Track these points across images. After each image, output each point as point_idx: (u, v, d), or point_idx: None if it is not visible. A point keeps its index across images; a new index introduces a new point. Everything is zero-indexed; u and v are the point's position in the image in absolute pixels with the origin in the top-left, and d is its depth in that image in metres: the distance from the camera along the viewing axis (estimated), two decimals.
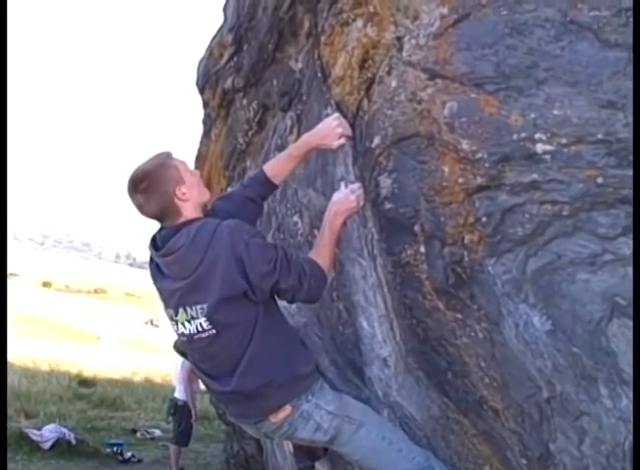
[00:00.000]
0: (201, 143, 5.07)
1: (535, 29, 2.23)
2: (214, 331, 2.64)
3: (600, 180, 2.07)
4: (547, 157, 2.18)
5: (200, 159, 5.07)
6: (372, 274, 2.96)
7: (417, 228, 2.65)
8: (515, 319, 2.32)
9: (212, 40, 4.06)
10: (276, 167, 3.10)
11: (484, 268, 2.40)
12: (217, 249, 2.57)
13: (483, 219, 2.38)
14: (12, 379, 14.44)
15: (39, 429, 10.66)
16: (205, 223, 2.67)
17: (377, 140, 2.83)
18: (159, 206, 2.70)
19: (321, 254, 2.80)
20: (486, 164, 2.35)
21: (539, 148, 2.20)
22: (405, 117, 2.68)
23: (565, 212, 2.16)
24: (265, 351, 2.68)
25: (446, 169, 2.50)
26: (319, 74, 3.16)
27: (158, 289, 2.85)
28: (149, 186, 2.68)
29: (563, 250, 2.18)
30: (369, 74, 2.88)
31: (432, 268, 2.62)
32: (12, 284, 60.36)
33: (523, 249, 2.29)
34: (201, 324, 2.64)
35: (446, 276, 2.55)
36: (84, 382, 16.44)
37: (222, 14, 4.01)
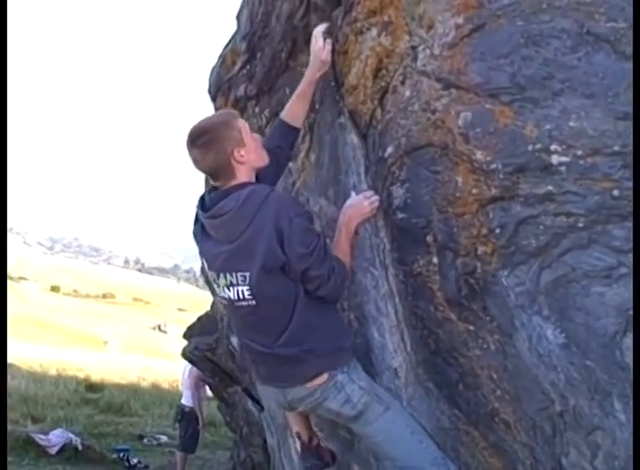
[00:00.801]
0: None
1: (551, 40, 2.22)
2: (254, 302, 2.65)
3: (616, 193, 2.06)
4: (562, 168, 2.17)
5: None
6: (384, 284, 2.95)
7: (429, 239, 2.64)
8: (528, 332, 2.31)
9: (225, 48, 4.06)
10: (292, 111, 3.13)
11: (498, 280, 2.39)
12: (264, 218, 2.57)
13: (497, 231, 2.37)
14: (19, 383, 14.46)
15: (46, 434, 10.68)
16: (255, 190, 2.65)
17: (390, 149, 2.82)
18: (215, 163, 2.69)
19: (341, 257, 2.80)
20: (501, 175, 2.33)
21: (555, 159, 2.18)
22: (419, 127, 2.67)
23: (580, 225, 2.15)
24: (308, 323, 2.70)
25: (460, 180, 2.49)
26: (332, 83, 3.15)
27: (200, 249, 2.87)
28: (208, 142, 2.67)
29: (577, 262, 2.17)
30: (383, 84, 2.87)
31: (444, 279, 2.60)
32: (20, 288, 60.61)
33: (537, 261, 2.27)
34: (243, 292, 2.65)
35: (459, 287, 2.54)
36: (91, 387, 16.47)
37: (235, 21, 4.02)
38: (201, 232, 2.83)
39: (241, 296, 2.66)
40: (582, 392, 2.18)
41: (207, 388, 8.90)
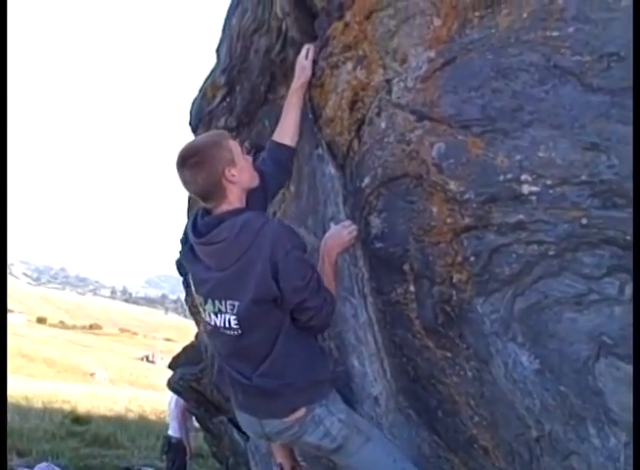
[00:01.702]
0: None
1: (520, 73, 2.28)
2: (240, 331, 2.63)
3: (584, 221, 2.10)
4: (533, 198, 2.22)
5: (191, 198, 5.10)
6: (362, 313, 2.98)
7: (406, 267, 2.68)
8: (503, 358, 2.34)
9: (205, 81, 4.12)
10: (280, 127, 3.16)
11: (473, 307, 2.43)
12: (258, 250, 2.54)
13: (471, 259, 2.41)
14: None
15: (31, 468, 10.52)
16: (250, 219, 2.62)
17: (367, 180, 2.87)
18: (206, 183, 2.64)
19: (327, 286, 2.78)
20: (474, 205, 2.38)
21: (525, 189, 2.23)
22: (394, 158, 2.72)
23: (551, 252, 2.19)
24: (288, 353, 2.68)
25: (435, 209, 2.53)
26: (310, 116, 3.20)
27: (190, 271, 2.85)
28: (199, 162, 2.63)
29: (549, 289, 2.21)
30: (359, 116, 2.93)
31: (421, 307, 2.64)
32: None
33: (510, 288, 2.32)
34: (229, 320, 2.62)
35: (435, 315, 2.58)
36: (78, 419, 16.26)
37: (215, 55, 4.08)
38: (191, 255, 2.78)
39: (227, 324, 2.64)
40: (557, 417, 2.21)
41: (194, 418, 8.85)
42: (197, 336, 6.09)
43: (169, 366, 7.14)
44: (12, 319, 62.95)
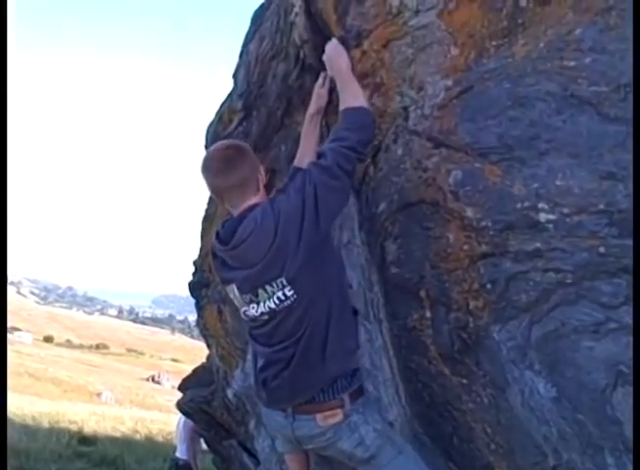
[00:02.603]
0: (208, 204, 5.14)
1: (537, 102, 2.31)
2: (295, 296, 2.57)
3: (602, 250, 2.12)
4: (550, 226, 2.23)
5: (207, 219, 5.12)
6: (378, 338, 2.99)
7: (422, 293, 2.69)
8: (520, 386, 2.34)
9: (222, 105, 4.16)
10: (299, 153, 3.17)
11: (490, 334, 2.44)
12: (284, 225, 2.54)
13: (488, 286, 2.43)
14: (11, 436, 14.18)
15: None
16: (264, 207, 2.63)
17: (383, 206, 2.89)
18: (247, 174, 2.69)
19: (353, 101, 2.76)
20: (491, 232, 2.40)
21: (542, 217, 2.25)
22: (411, 185, 2.74)
23: (568, 281, 2.20)
24: (341, 325, 2.64)
25: (451, 236, 2.55)
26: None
27: (225, 280, 2.81)
28: (243, 154, 2.72)
29: (567, 317, 2.22)
30: (375, 142, 2.95)
31: (437, 333, 2.65)
32: (13, 338, 60.08)
33: (527, 316, 2.33)
34: (283, 294, 2.57)
35: (452, 341, 2.58)
36: (84, 440, 16.15)
37: (232, 80, 4.12)
38: (221, 266, 2.79)
39: (283, 298, 2.58)
40: (575, 446, 2.21)
41: (202, 441, 8.79)
42: (208, 358, 6.08)
43: (179, 388, 7.12)
44: (19, 338, 63.00)
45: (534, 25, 2.36)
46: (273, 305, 2.61)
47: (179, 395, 7.05)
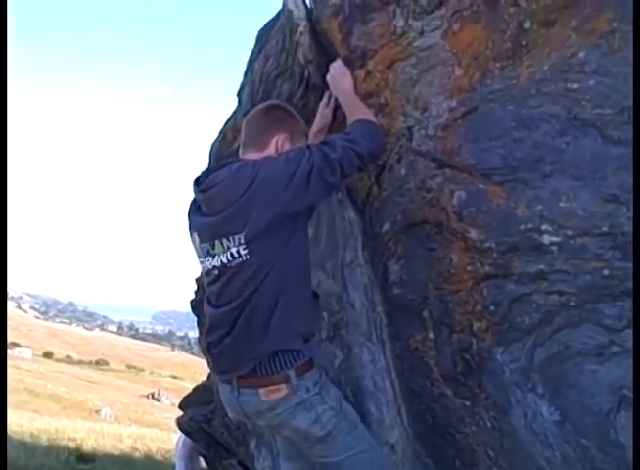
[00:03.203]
0: None
1: (541, 124, 2.31)
2: (248, 256, 2.49)
3: (606, 272, 2.11)
4: (554, 248, 2.23)
5: None
6: (380, 359, 2.97)
7: (425, 314, 2.68)
8: (523, 409, 2.33)
9: (226, 124, 4.17)
10: None
11: (493, 356, 2.42)
12: (259, 189, 2.46)
13: (491, 308, 2.42)
14: (10, 453, 14.11)
15: None
16: (247, 161, 2.60)
17: (386, 226, 2.89)
18: (265, 127, 2.71)
19: (364, 118, 2.74)
20: (494, 254, 2.40)
21: (546, 239, 2.25)
22: (414, 205, 2.74)
23: (572, 303, 2.20)
24: (288, 306, 2.54)
25: (455, 257, 2.55)
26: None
27: (192, 227, 2.75)
28: (282, 114, 2.76)
29: (570, 340, 2.21)
30: (379, 162, 2.95)
31: (440, 355, 2.64)
32: (13, 354, 59.94)
33: (530, 338, 2.32)
34: (237, 251, 2.50)
35: (455, 363, 2.57)
36: (83, 457, 16.06)
37: (236, 98, 4.13)
38: (194, 211, 2.74)
39: (236, 254, 2.51)
40: None
41: (202, 459, 8.74)
42: (209, 376, 6.07)
43: (179, 406, 7.09)
44: (18, 354, 62.88)
45: (538, 47, 2.37)
46: (225, 261, 2.54)
47: (179, 412, 7.02)
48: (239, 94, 4.10)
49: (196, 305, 5.16)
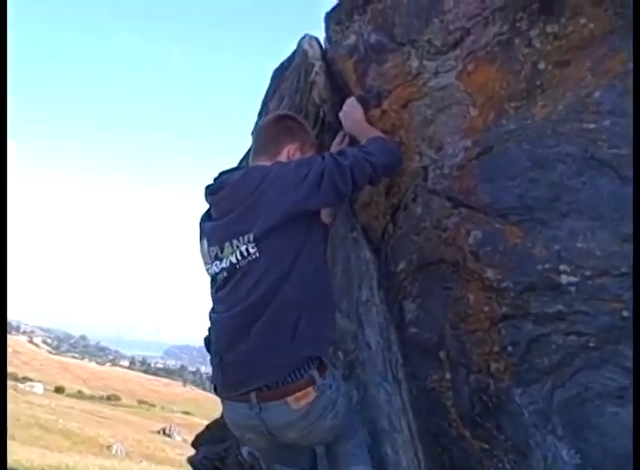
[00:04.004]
0: None
1: (557, 164, 2.32)
2: (257, 254, 2.44)
3: (625, 313, 2.10)
4: (572, 288, 2.22)
5: None
6: (397, 399, 2.94)
7: (442, 354, 2.66)
8: (543, 452, 2.29)
9: (241, 161, 4.20)
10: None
11: (511, 398, 2.40)
12: (268, 185, 2.46)
13: (509, 348, 2.40)
14: None
15: None
16: (257, 166, 2.64)
17: (402, 265, 2.88)
18: (274, 136, 2.74)
19: (375, 137, 2.78)
20: (512, 294, 2.38)
21: (564, 279, 2.24)
22: (430, 244, 2.74)
23: (591, 344, 2.18)
24: (315, 313, 2.49)
25: (472, 297, 2.53)
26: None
27: (202, 233, 2.69)
28: (292, 123, 2.78)
29: (590, 382, 2.19)
30: (394, 201, 2.96)
31: (457, 395, 2.61)
32: (24, 389, 59.81)
33: (549, 379, 2.29)
34: (246, 249, 2.45)
35: (472, 404, 2.54)
36: None
37: (251, 137, 4.16)
38: (205, 217, 2.73)
39: (245, 253, 2.45)
40: None
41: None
42: (223, 414, 6.03)
43: (192, 444, 7.03)
44: (30, 388, 62.71)
45: (553, 88, 2.38)
46: (234, 260, 2.47)
47: (190, 448, 6.97)
48: (253, 133, 4.13)
49: (208, 342, 5.15)
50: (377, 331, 3.04)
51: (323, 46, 3.39)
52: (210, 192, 2.67)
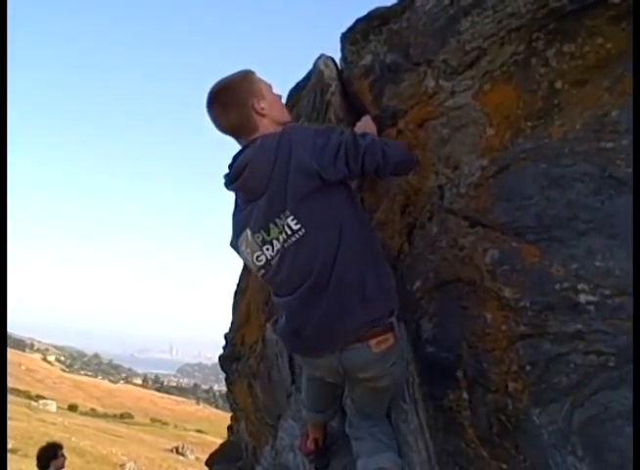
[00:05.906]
0: (240, 278, 5.16)
1: (575, 183, 2.31)
2: (303, 230, 2.45)
3: None
4: (590, 307, 2.20)
5: (239, 293, 5.14)
6: (413, 418, 2.92)
7: (459, 374, 2.65)
8: None
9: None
10: None
11: (530, 418, 2.38)
12: (285, 154, 2.45)
13: (527, 368, 2.38)
14: None
15: None
16: (267, 134, 2.57)
17: (418, 283, 2.88)
18: (237, 118, 2.61)
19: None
20: (529, 313, 2.37)
21: (582, 298, 2.22)
22: (447, 263, 2.74)
23: (610, 364, 2.16)
24: (375, 269, 2.53)
25: (489, 316, 2.52)
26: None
27: (239, 227, 2.67)
28: (228, 97, 2.62)
29: (610, 401, 2.16)
30: (410, 219, 2.96)
31: (475, 415, 2.59)
32: (37, 406, 59.87)
33: (568, 399, 2.27)
34: (289, 225, 2.46)
35: (490, 424, 2.52)
36: None
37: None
38: (235, 212, 2.71)
39: (289, 231, 2.46)
40: None
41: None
42: (236, 432, 6.01)
43: (206, 463, 7.02)
44: (43, 406, 62.77)
45: (570, 107, 2.38)
46: (282, 239, 2.49)
47: (203, 467, 6.94)
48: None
49: (224, 362, 5.14)
50: None
51: (339, 66, 3.42)
52: (231, 179, 2.65)
